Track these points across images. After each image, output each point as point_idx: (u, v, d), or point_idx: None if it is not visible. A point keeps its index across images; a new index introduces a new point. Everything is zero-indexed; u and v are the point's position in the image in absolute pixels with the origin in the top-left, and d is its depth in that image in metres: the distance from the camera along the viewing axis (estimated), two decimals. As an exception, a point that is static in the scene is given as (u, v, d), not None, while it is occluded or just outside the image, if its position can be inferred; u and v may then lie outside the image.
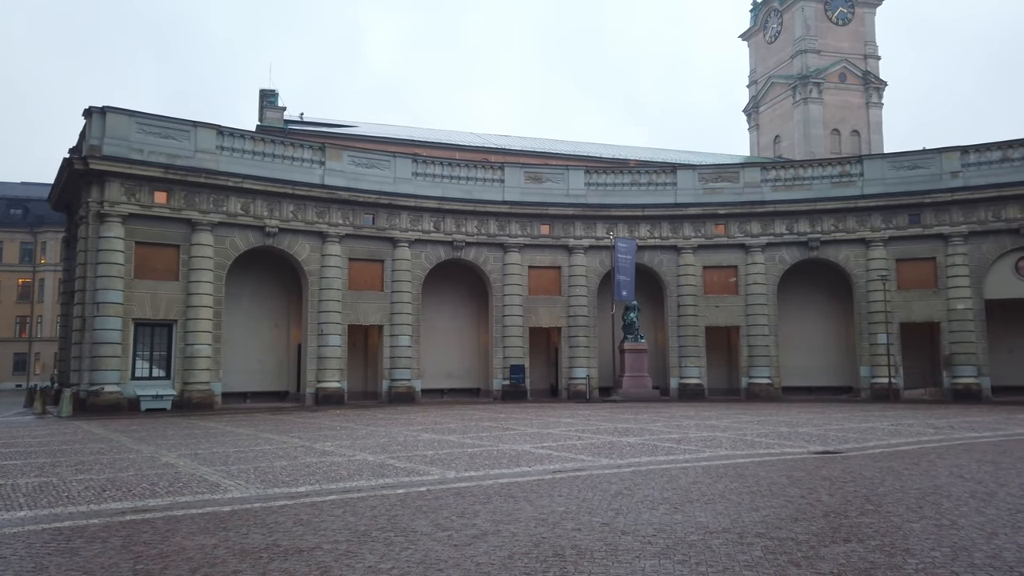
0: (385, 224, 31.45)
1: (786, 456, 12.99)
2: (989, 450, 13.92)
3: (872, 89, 62.97)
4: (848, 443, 14.95)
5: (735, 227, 34.17)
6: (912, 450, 13.90)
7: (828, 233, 33.20)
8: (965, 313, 30.93)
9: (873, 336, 32.19)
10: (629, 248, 33.21)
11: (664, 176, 35.32)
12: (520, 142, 51.46)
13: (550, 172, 35.09)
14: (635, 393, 32.17)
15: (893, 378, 31.62)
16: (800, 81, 62.07)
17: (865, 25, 64.18)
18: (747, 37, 71.22)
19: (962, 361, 30.90)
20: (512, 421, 20.76)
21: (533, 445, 14.61)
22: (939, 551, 6.39)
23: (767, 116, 67.46)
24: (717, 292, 34.32)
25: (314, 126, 45.28)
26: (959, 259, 31.19)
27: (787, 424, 19.39)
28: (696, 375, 33.77)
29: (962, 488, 9.58)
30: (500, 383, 32.68)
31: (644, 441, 15.33)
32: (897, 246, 32.39)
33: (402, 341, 31.24)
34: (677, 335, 34.14)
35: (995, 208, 30.75)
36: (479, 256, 33.23)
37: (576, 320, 33.59)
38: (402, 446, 14.58)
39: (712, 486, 9.74)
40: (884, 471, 11.17)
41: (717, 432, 17.23)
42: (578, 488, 9.61)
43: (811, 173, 34.36)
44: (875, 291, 32.12)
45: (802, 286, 34.61)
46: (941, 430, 17.77)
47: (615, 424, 19.56)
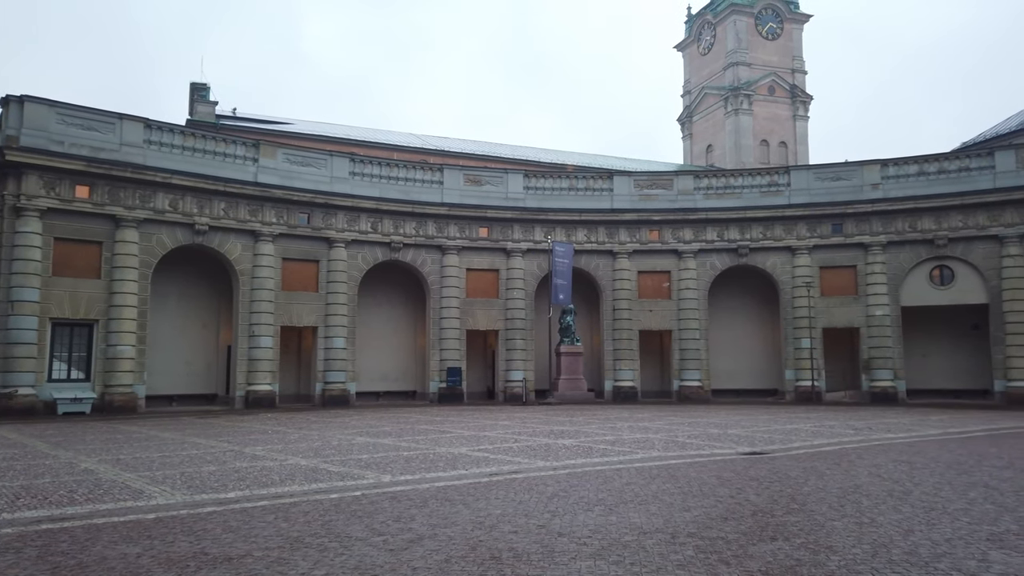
0: (321, 224, 30.90)
1: (716, 457, 13.34)
2: (905, 450, 14.63)
3: (799, 102, 65.41)
4: (774, 444, 15.47)
5: (669, 233, 34.95)
6: (834, 451, 14.48)
7: (757, 240, 34.31)
8: (883, 319, 32.43)
9: (798, 341, 33.42)
10: (566, 252, 33.56)
11: (601, 182, 35.84)
12: (460, 144, 51.35)
13: (489, 175, 35.15)
14: (571, 396, 32.52)
15: (816, 381, 32.90)
16: (731, 93, 63.97)
17: (793, 40, 66.65)
18: (682, 48, 72.98)
19: (880, 365, 32.39)
20: (449, 424, 20.69)
21: (470, 448, 14.59)
22: (860, 548, 6.68)
23: (700, 126, 69.24)
24: (651, 296, 35.02)
25: (248, 122, 44.12)
26: (878, 267, 32.69)
27: (717, 426, 19.93)
28: (630, 378, 34.36)
29: (880, 487, 10.03)
30: (437, 386, 32.51)
31: (579, 443, 15.50)
32: (821, 254, 33.73)
33: (337, 343, 30.74)
34: (612, 338, 34.68)
35: (911, 219, 32.36)
36: (417, 258, 33.00)
37: (513, 323, 33.72)
38: (336, 450, 14.34)
39: (645, 487, 9.92)
40: (808, 471, 11.60)
41: (650, 434, 17.57)
42: (515, 490, 9.64)
43: (741, 182, 35.46)
44: (800, 297, 33.36)
45: (732, 292, 35.66)
46: (860, 431, 18.57)
47: (551, 426, 19.72)
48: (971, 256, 31.42)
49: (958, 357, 33.36)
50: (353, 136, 46.22)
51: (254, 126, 43.01)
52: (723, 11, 66.41)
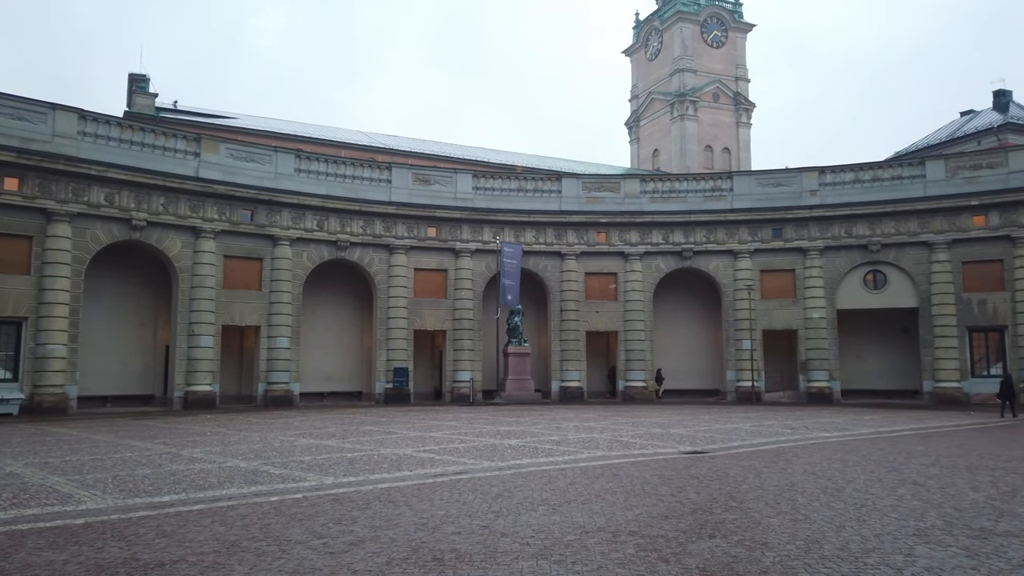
0: (265, 221, 30.26)
1: (658, 456, 13.56)
2: (839, 449, 15.12)
3: (742, 110, 67.04)
4: (715, 443, 15.80)
5: (616, 235, 35.38)
6: (771, 449, 14.87)
7: (700, 244, 35.01)
8: (820, 322, 33.48)
9: (739, 342, 34.23)
10: (515, 253, 33.65)
11: (550, 183, 36.05)
12: (408, 143, 51.00)
13: (438, 174, 34.99)
14: (518, 396, 32.61)
15: (756, 382, 33.76)
16: (677, 98, 65.16)
17: (737, 49, 68.28)
18: (630, 53, 74.00)
19: (816, 366, 33.42)
20: (394, 425, 20.51)
21: (415, 449, 14.49)
22: (794, 544, 6.87)
23: (647, 130, 70.32)
24: (598, 298, 35.38)
25: (189, 115, 42.94)
26: (815, 271, 33.72)
27: (660, 425, 20.26)
28: (576, 378, 34.65)
29: (815, 485, 10.34)
30: (383, 386, 32.19)
31: (525, 443, 15.55)
32: (761, 258, 34.61)
33: (280, 343, 30.15)
34: (559, 339, 34.91)
35: (847, 225, 33.47)
36: (364, 257, 32.62)
37: (461, 323, 33.63)
38: (278, 452, 14.06)
39: (589, 486, 10.01)
40: (746, 469, 11.88)
41: (595, 434, 17.75)
42: (459, 491, 9.62)
43: (686, 186, 36.13)
44: (741, 300, 34.18)
45: (676, 294, 36.31)
46: (797, 430, 19.13)
47: (497, 427, 19.74)
48: (903, 261, 32.68)
49: (890, 358, 34.66)
50: (299, 132, 45.44)
51: (196, 120, 41.89)
52: (670, 18, 67.61)
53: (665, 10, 69.31)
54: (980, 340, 31.87)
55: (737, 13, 68.88)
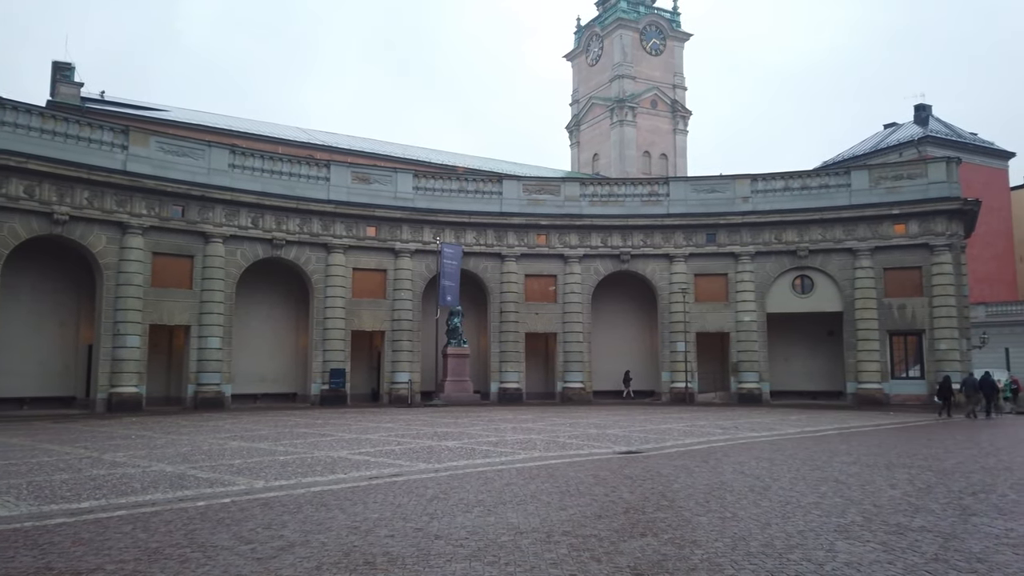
0: (197, 217, 29.35)
1: (594, 457, 13.72)
2: (766, 448, 15.59)
3: (679, 117, 68.51)
4: (649, 443, 16.08)
5: (555, 238, 35.66)
6: (703, 449, 15.23)
7: (638, 247, 35.61)
8: (750, 325, 34.47)
9: (673, 344, 34.96)
10: (455, 254, 33.55)
11: (491, 185, 36.09)
12: (348, 141, 50.30)
13: (378, 173, 34.61)
14: (456, 397, 32.51)
15: (689, 383, 34.53)
16: (617, 104, 66.14)
17: (675, 57, 69.74)
18: (571, 58, 74.73)
19: (747, 368, 34.41)
20: (329, 427, 20.16)
21: (350, 451, 14.27)
22: (721, 541, 7.05)
23: (587, 134, 71.13)
24: (537, 300, 35.61)
25: (117, 106, 41.34)
26: (747, 276, 34.72)
27: (596, 426, 20.50)
28: (515, 379, 34.77)
29: (743, 483, 10.63)
30: (319, 388, 31.62)
31: (463, 445, 15.51)
32: (696, 262, 35.43)
33: (212, 343, 29.28)
34: (499, 340, 34.97)
35: (777, 231, 34.58)
36: (301, 256, 31.98)
37: (400, 324, 33.33)
38: (206, 455, 13.64)
39: (525, 487, 10.05)
40: (678, 469, 12.13)
41: (532, 435, 17.84)
42: (394, 494, 9.52)
43: (624, 191, 36.73)
44: (676, 303, 34.91)
45: (614, 296, 36.83)
46: (728, 430, 19.64)
47: (435, 428, 19.63)
48: (828, 267, 33.95)
49: (816, 361, 35.94)
50: (234, 127, 44.27)
51: (124, 111, 40.34)
52: (610, 24, 68.59)
53: (606, 16, 70.29)
54: (900, 343, 33.37)
55: (675, 22, 70.37)
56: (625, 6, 68.77)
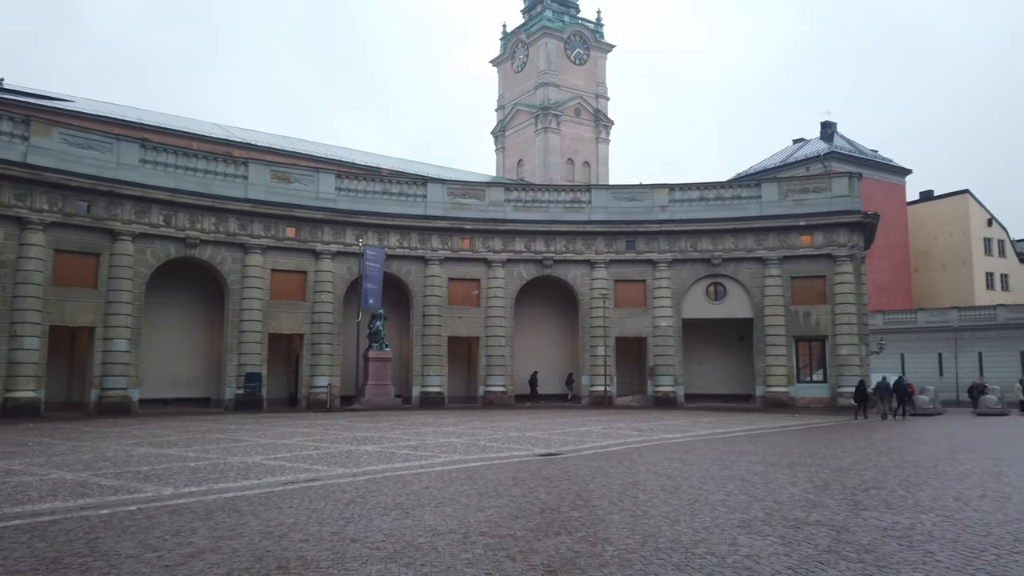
0: (104, 214, 28.01)
1: (514, 459, 13.88)
2: (679, 449, 16.14)
3: (602, 126, 69.98)
4: (568, 445, 16.38)
5: (479, 242, 35.79)
6: (619, 450, 15.63)
7: (560, 253, 36.16)
8: (667, 330, 35.52)
9: (594, 348, 35.65)
10: (378, 256, 33.20)
11: (415, 188, 35.92)
12: (268, 138, 49.07)
13: (299, 173, 33.90)
14: (377, 402, 32.14)
15: (608, 386, 35.28)
16: (542, 111, 66.99)
17: (598, 68, 71.25)
18: (497, 64, 75.24)
19: (663, 372, 35.42)
20: (244, 432, 19.62)
21: (265, 457, 13.95)
22: (632, 538, 7.30)
23: (512, 140, 71.73)
24: (460, 303, 35.64)
25: (17, 95, 39.03)
26: (664, 282, 35.77)
27: (517, 429, 20.71)
28: (438, 383, 34.67)
29: (655, 483, 11.00)
30: (233, 392, 30.67)
31: (382, 449, 15.40)
32: (616, 268, 36.26)
33: (118, 345, 27.98)
34: (421, 344, 34.79)
35: (693, 240, 35.78)
36: (216, 255, 30.97)
37: (320, 327, 32.70)
38: (111, 462, 13.07)
39: (444, 490, 10.10)
40: (595, 470, 12.43)
41: (453, 438, 17.87)
42: (310, 498, 9.40)
43: (548, 197, 37.24)
44: (596, 308, 35.62)
45: (536, 301, 37.25)
46: (644, 432, 20.20)
47: (354, 433, 19.39)
48: (740, 275, 35.36)
49: (728, 365, 37.33)
50: (146, 120, 42.55)
51: (25, 100, 38.17)
52: (535, 33, 69.45)
53: (531, 24, 71.13)
54: (805, 349, 35.08)
55: (599, 33, 71.87)
56: (550, 15, 69.79)
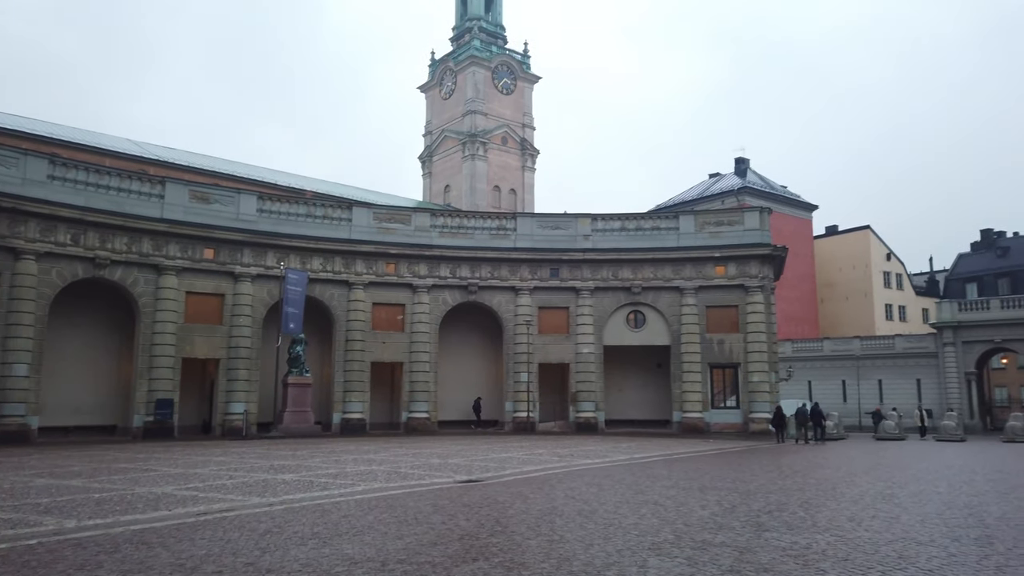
0: (6, 232, 26.61)
1: (435, 486, 13.91)
2: (597, 474, 16.50)
3: (528, 155, 71.24)
4: (489, 472, 16.51)
5: (405, 267, 35.73)
6: (539, 476, 15.86)
7: (485, 279, 36.48)
8: (588, 356, 36.23)
9: (517, 375, 35.97)
10: (300, 280, 32.66)
11: (340, 211, 35.63)
12: (186, 157, 47.71)
13: (219, 193, 33.11)
14: (296, 429, 31.41)
15: (531, 412, 35.60)
16: (469, 138, 67.70)
17: (524, 98, 72.67)
18: (425, 90, 75.71)
19: (584, 398, 36.04)
20: (154, 461, 18.88)
21: (176, 487, 13.51)
22: (547, 562, 7.50)
23: (440, 165, 72.09)
24: (384, 328, 35.38)
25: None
26: (586, 309, 36.54)
27: (439, 456, 20.68)
28: (359, 410, 34.18)
29: (572, 508, 11.26)
30: (143, 419, 29.40)
31: (300, 478, 15.14)
32: (540, 295, 36.83)
33: (17, 370, 26.47)
34: (343, 369, 34.29)
35: (614, 269, 36.77)
36: (128, 277, 29.80)
37: (238, 352, 31.81)
38: (8, 494, 12.40)
39: (363, 518, 10.07)
40: (514, 496, 12.61)
41: (374, 466, 17.71)
42: (224, 529, 9.21)
43: (474, 224, 37.59)
44: (521, 334, 36.03)
45: (461, 327, 37.35)
46: (564, 458, 20.52)
47: (271, 461, 18.95)
48: (659, 304, 36.50)
49: (647, 391, 38.29)
50: (56, 135, 40.78)
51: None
52: (464, 61, 70.39)
53: (460, 53, 72.04)
54: (719, 375, 36.38)
55: (525, 64, 73.41)
56: (478, 45, 70.89)
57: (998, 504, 12.36)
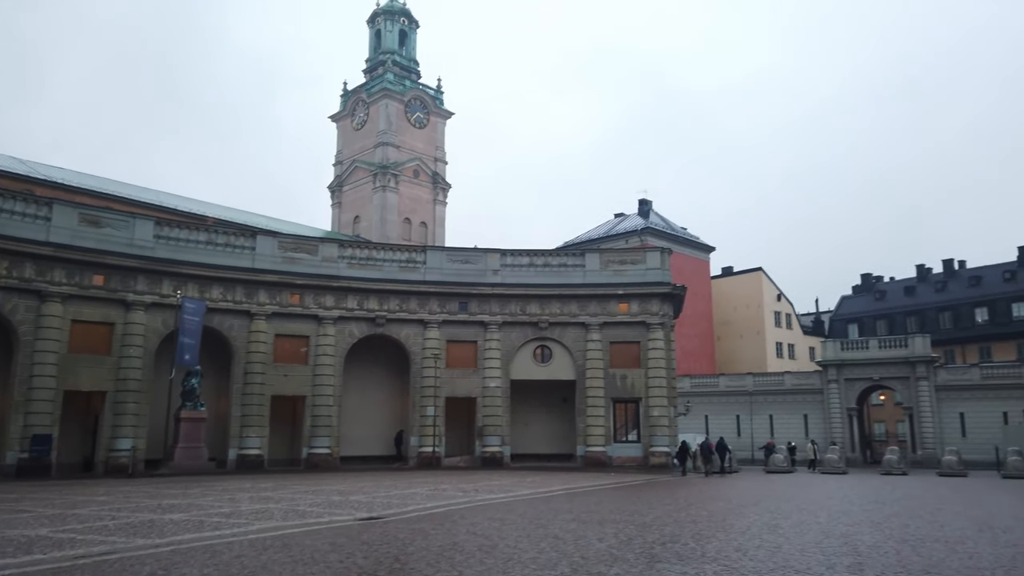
0: None
1: (334, 524, 13.62)
2: (500, 509, 16.58)
3: (440, 188, 71.62)
4: (391, 508, 16.29)
5: (310, 298, 35.01)
6: (442, 512, 15.80)
7: (393, 312, 36.20)
8: (495, 391, 36.40)
9: (423, 409, 35.67)
10: (198, 309, 31.41)
11: (244, 239, 34.67)
12: (77, 178, 45.38)
13: (112, 217, 31.60)
14: (188, 465, 29.90)
15: (437, 447, 35.30)
16: (380, 170, 67.50)
17: (437, 132, 73.30)
18: (337, 119, 75.14)
19: (491, 432, 36.10)
20: (27, 502, 17.59)
21: (52, 529, 12.67)
22: (445, 598, 7.53)
23: (350, 196, 71.38)
24: (287, 361, 34.42)
25: None
26: (494, 344, 36.79)
27: (340, 493, 20.22)
28: (257, 445, 32.95)
29: (473, 543, 11.30)
30: (16, 456, 27.30)
31: (191, 517, 14.48)
32: (449, 329, 36.84)
33: None
34: (242, 403, 33.04)
35: (522, 303, 37.28)
36: (6, 303, 27.86)
37: (127, 384, 30.14)
38: None
39: (256, 559, 9.77)
40: (415, 532, 12.53)
41: (271, 504, 17.15)
42: (103, 573, 8.74)
43: (383, 256, 37.37)
44: (428, 368, 35.84)
45: (367, 360, 36.79)
46: (468, 493, 20.49)
47: (160, 500, 18.02)
48: (565, 339, 37.21)
49: (552, 425, 38.72)
50: (-70, 148, 37.90)
51: None
52: (377, 93, 70.47)
53: (373, 85, 72.09)
54: (621, 410, 37.28)
55: (439, 100, 74.18)
56: (392, 78, 71.22)
57: (871, 533, 13.25)
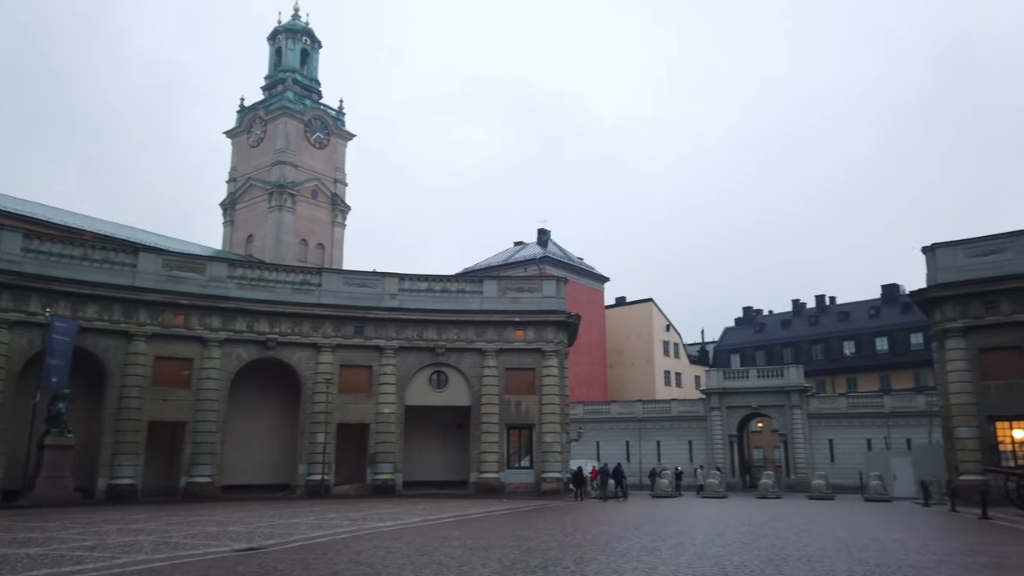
0: None
1: (208, 556, 13.04)
2: (387, 537, 16.35)
3: (339, 210, 70.53)
4: (273, 539, 15.75)
5: (196, 319, 33.55)
6: (326, 541, 15.42)
7: (285, 335, 35.19)
8: (390, 417, 35.93)
9: (313, 435, 34.69)
10: (69, 329, 29.43)
11: (124, 256, 32.91)
12: (-63, 183, 41.77)
13: (-25, 228, 29.30)
14: (52, 496, 27.75)
15: (326, 475, 34.37)
16: (277, 189, 65.81)
17: (338, 154, 72.35)
18: (232, 135, 72.86)
19: (384, 459, 35.52)
20: None
21: None
22: (320, 628, 7.40)
23: (243, 214, 69.10)
24: (167, 385, 32.73)
25: None
26: (390, 368, 36.39)
27: (218, 523, 19.35)
28: (131, 474, 31.03)
29: (355, 571, 11.12)
30: None
31: (48, 551, 13.49)
32: (343, 353, 36.15)
33: None
34: (114, 429, 31.09)
35: (419, 329, 37.12)
36: None
37: (-18, 408, 27.78)
38: None
39: (119, 594, 9.25)
40: (296, 563, 12.18)
41: (141, 536, 16.21)
42: (-56, 615, 8.04)
43: (276, 277, 36.36)
44: (320, 393, 34.98)
45: (254, 384, 35.49)
46: (356, 522, 20.07)
47: (15, 534, 16.65)
48: (461, 365, 37.28)
49: (446, 452, 38.54)
50: None
51: None
52: (275, 111, 68.96)
53: (272, 103, 70.51)
54: (516, 436, 37.60)
55: (340, 121, 73.35)
56: (292, 96, 69.93)
57: (740, 553, 13.97)
